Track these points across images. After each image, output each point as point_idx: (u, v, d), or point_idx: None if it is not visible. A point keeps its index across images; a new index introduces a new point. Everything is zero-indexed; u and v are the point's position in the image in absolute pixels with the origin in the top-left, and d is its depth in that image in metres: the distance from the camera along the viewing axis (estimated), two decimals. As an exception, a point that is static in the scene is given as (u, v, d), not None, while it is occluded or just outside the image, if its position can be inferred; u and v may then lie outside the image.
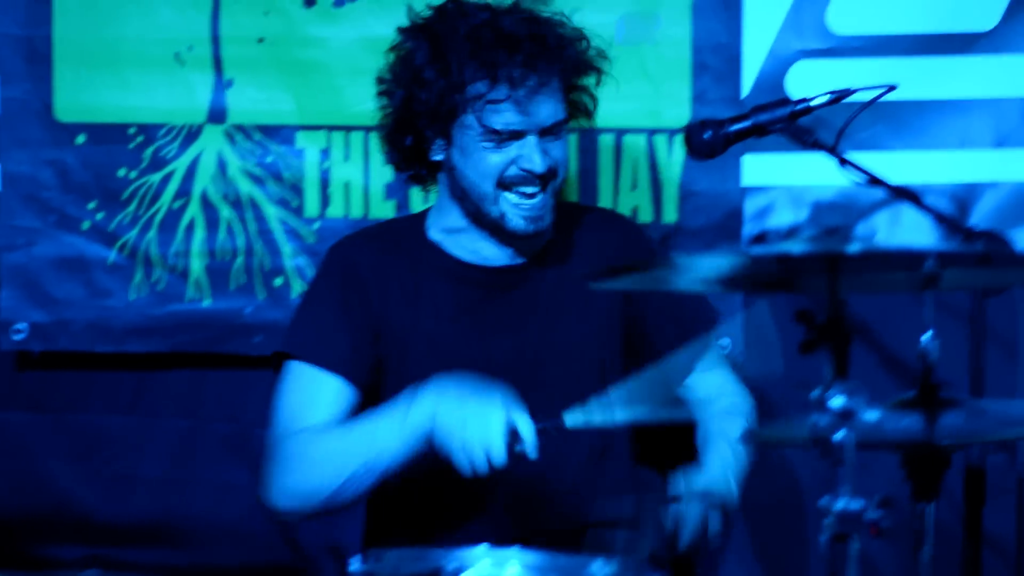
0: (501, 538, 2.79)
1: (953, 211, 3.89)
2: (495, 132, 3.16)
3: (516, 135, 3.18)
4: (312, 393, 3.19)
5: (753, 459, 3.25)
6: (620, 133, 3.99)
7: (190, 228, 4.10)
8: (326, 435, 3.14)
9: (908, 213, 3.90)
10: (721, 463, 3.20)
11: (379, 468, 3.05)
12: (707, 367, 3.39)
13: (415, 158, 3.28)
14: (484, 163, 3.18)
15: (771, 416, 3.52)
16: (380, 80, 3.30)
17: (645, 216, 3.99)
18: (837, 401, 2.37)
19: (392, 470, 3.05)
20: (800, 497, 3.92)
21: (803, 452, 3.50)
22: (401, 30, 3.28)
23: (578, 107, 3.32)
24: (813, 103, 3.21)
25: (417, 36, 3.24)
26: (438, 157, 3.24)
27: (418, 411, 3.00)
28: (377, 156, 3.61)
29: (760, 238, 3.95)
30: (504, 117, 3.17)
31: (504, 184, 3.20)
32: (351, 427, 3.14)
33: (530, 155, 3.18)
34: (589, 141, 3.99)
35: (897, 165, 3.88)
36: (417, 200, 3.97)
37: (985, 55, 3.94)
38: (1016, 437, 3.50)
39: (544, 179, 3.21)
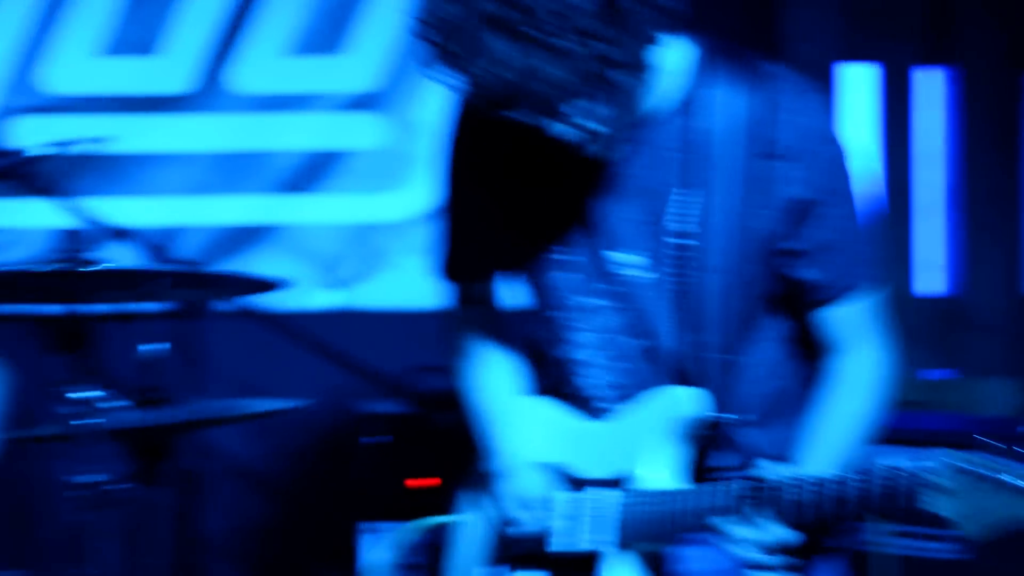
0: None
1: (157, 248, 4.27)
2: None
3: None
4: None
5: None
6: None
7: None
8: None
9: (125, 247, 4.20)
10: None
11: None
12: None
13: None
14: None
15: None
16: None
17: None
18: (79, 394, 2.89)
19: None
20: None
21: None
22: None
23: None
24: (29, 153, 3.59)
25: None
26: None
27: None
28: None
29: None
30: None
31: None
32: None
33: None
34: None
35: (115, 208, 4.26)
36: None
37: (182, 114, 4.51)
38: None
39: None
